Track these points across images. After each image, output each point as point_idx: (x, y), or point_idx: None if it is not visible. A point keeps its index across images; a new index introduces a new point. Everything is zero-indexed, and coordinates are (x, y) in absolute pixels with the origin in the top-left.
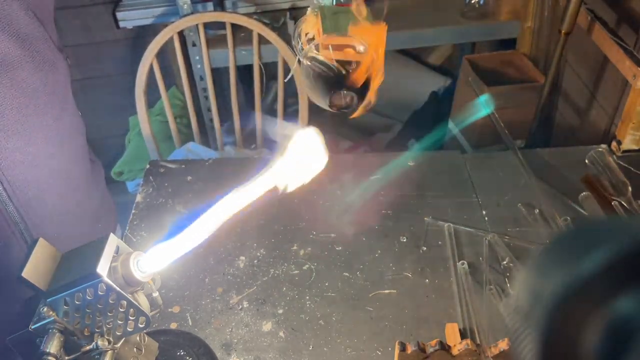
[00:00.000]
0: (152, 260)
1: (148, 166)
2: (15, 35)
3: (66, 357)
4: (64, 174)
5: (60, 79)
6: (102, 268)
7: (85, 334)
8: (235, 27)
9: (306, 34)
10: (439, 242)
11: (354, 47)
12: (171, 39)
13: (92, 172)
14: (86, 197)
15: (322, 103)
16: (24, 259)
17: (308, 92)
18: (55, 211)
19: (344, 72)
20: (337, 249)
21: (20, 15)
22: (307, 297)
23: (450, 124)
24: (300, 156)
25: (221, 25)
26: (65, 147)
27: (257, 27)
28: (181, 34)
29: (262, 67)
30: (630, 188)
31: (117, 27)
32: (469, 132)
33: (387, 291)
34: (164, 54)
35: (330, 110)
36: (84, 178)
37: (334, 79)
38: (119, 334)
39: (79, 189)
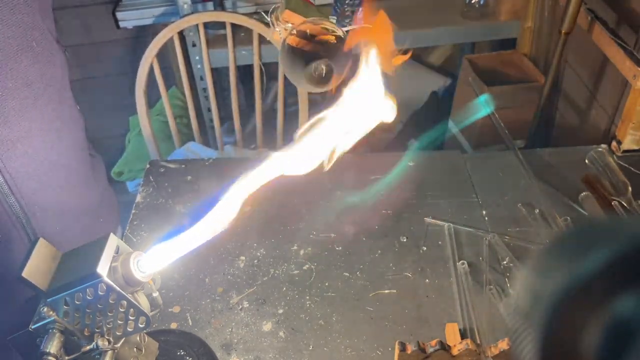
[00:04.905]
0: (152, 260)
1: (148, 166)
2: (16, 25)
3: (66, 357)
4: (64, 167)
5: (58, 71)
6: (102, 268)
7: (86, 334)
8: (235, 27)
9: (285, 22)
10: (439, 242)
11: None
12: (171, 39)
13: (92, 165)
14: (87, 190)
15: (301, 80)
16: (24, 259)
17: (288, 75)
18: (56, 204)
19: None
20: (337, 249)
21: (21, 5)
22: (307, 297)
23: (450, 124)
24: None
25: (221, 25)
26: (65, 140)
27: (257, 27)
28: (181, 34)
29: (262, 67)
30: (630, 188)
31: (117, 27)
32: (469, 132)
33: (387, 291)
34: (164, 54)
35: (311, 87)
36: (84, 171)
37: (309, 55)
38: (119, 334)
39: (80, 182)
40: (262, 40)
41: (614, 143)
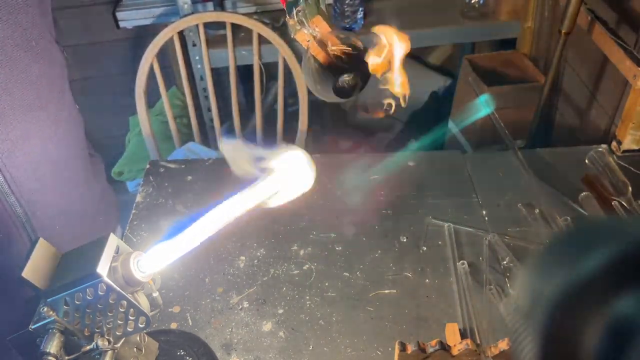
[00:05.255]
0: (152, 260)
1: (148, 166)
2: (15, 24)
3: (66, 357)
4: (64, 166)
5: (57, 71)
6: (102, 268)
7: (86, 334)
8: (235, 27)
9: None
10: (439, 242)
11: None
12: (171, 39)
13: (92, 165)
14: (87, 190)
15: (327, 94)
16: (24, 258)
17: (312, 88)
18: (56, 204)
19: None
20: (337, 249)
21: (21, 5)
22: (307, 297)
23: (450, 124)
24: (287, 176)
25: (221, 25)
26: (65, 139)
27: (257, 27)
28: (181, 34)
29: (262, 67)
30: (630, 188)
31: (117, 27)
32: (469, 132)
33: (387, 291)
34: (164, 54)
35: (336, 99)
36: (84, 171)
37: (334, 68)
38: (119, 334)
39: (79, 181)
40: (262, 40)
41: (614, 143)
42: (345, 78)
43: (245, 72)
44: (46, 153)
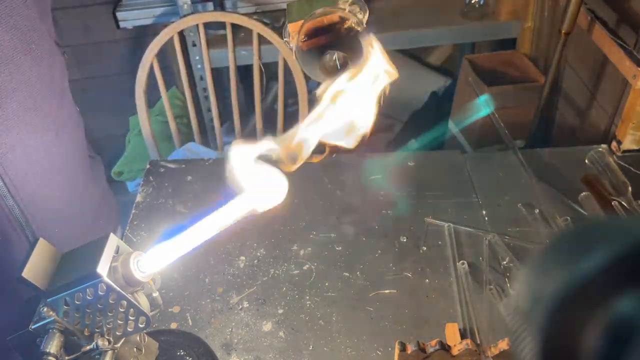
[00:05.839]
0: (152, 260)
1: (148, 166)
2: (14, 27)
3: (66, 357)
4: (64, 169)
5: (57, 73)
6: (102, 268)
7: (86, 334)
8: (235, 27)
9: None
10: (439, 242)
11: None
12: (171, 39)
13: (91, 167)
14: (86, 192)
15: (319, 73)
16: (24, 259)
17: (306, 71)
18: (55, 206)
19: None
20: (337, 249)
21: (20, 7)
22: (307, 297)
23: (450, 124)
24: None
25: (221, 25)
26: (64, 141)
27: (257, 27)
28: (181, 34)
29: (262, 67)
30: (630, 188)
31: (117, 27)
32: (469, 132)
33: (387, 291)
34: (164, 54)
35: (325, 77)
36: (83, 173)
37: (323, 47)
38: (119, 334)
39: (79, 183)
40: (262, 40)
41: (614, 143)
42: (335, 55)
43: (245, 72)
44: (46, 155)
